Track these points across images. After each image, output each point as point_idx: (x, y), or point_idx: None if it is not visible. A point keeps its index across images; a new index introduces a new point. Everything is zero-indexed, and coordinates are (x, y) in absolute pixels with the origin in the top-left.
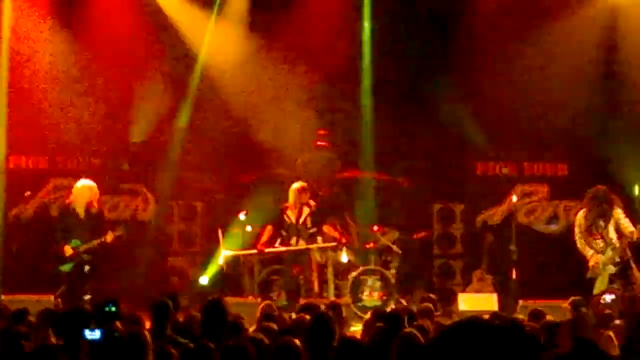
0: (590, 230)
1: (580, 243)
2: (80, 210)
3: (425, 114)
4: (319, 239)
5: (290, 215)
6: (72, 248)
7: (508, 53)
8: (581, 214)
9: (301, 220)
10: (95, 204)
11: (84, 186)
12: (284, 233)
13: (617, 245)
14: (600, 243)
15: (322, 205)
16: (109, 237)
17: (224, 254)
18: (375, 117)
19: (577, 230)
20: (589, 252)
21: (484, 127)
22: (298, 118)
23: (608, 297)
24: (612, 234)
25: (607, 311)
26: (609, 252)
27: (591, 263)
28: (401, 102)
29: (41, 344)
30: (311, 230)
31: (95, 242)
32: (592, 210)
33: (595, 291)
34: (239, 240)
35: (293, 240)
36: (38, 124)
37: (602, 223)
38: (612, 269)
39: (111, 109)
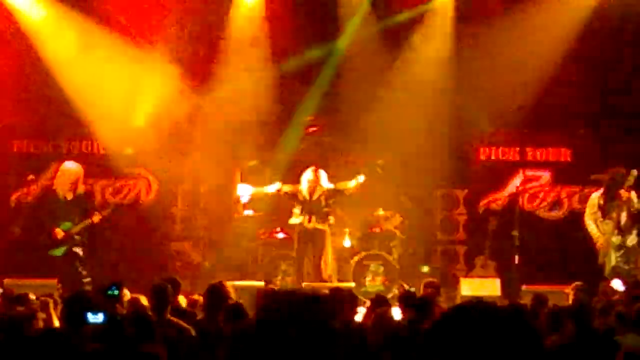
0: (604, 211)
1: (588, 223)
2: (67, 193)
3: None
4: (331, 218)
5: (304, 192)
6: (63, 231)
7: (512, 33)
8: (597, 194)
9: (314, 198)
10: (80, 185)
11: (68, 169)
12: (296, 210)
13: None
14: (610, 224)
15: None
16: (96, 217)
17: (240, 187)
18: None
19: (588, 210)
20: (596, 233)
21: (487, 111)
22: None
23: (616, 283)
24: (624, 219)
25: (616, 297)
26: (618, 237)
27: (598, 245)
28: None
29: (46, 328)
30: (325, 209)
31: (84, 223)
32: (610, 192)
33: (607, 272)
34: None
35: (305, 217)
36: (41, 108)
37: (616, 205)
38: (618, 252)
39: (115, 93)
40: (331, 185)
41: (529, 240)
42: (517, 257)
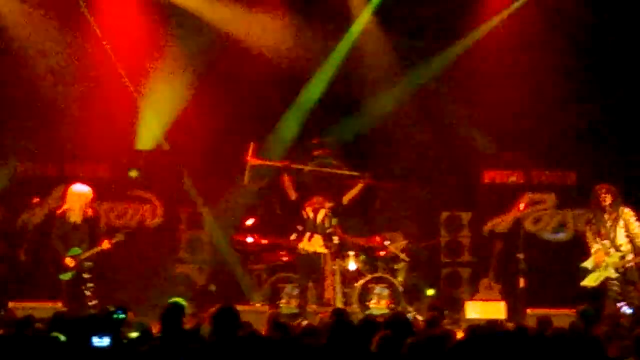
0: (598, 231)
1: (589, 241)
2: (76, 217)
3: (431, 121)
4: (335, 238)
5: (309, 213)
6: (73, 257)
7: (515, 59)
8: (590, 215)
9: (319, 220)
10: (89, 208)
11: (78, 192)
12: (300, 228)
13: (626, 251)
14: (607, 244)
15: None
16: (105, 244)
17: (251, 163)
18: (382, 127)
19: (587, 233)
20: (594, 247)
21: (492, 134)
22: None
23: (627, 310)
24: (621, 237)
25: (624, 323)
26: (616, 257)
27: (595, 257)
28: (407, 109)
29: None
30: (329, 230)
31: (94, 250)
32: (594, 210)
33: (585, 282)
34: None
35: (307, 236)
36: (46, 131)
37: (607, 224)
38: (612, 273)
39: (119, 116)
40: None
41: (534, 262)
42: (522, 280)
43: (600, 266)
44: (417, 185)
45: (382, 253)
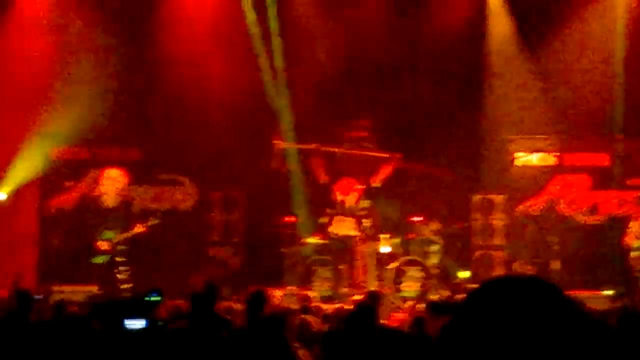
0: None
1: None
2: (111, 201)
3: (465, 105)
4: (365, 221)
5: (339, 196)
6: (106, 241)
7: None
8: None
9: (349, 202)
10: (123, 192)
11: (112, 176)
12: (328, 210)
13: None
14: None
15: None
16: (138, 228)
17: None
18: (415, 111)
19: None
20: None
21: (524, 117)
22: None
23: None
24: None
25: None
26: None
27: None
28: (440, 94)
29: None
30: (359, 212)
31: (128, 234)
32: None
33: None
34: None
35: (337, 219)
36: (79, 115)
37: None
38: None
39: (151, 99)
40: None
41: (567, 245)
42: (555, 262)
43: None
44: (449, 168)
45: (414, 236)
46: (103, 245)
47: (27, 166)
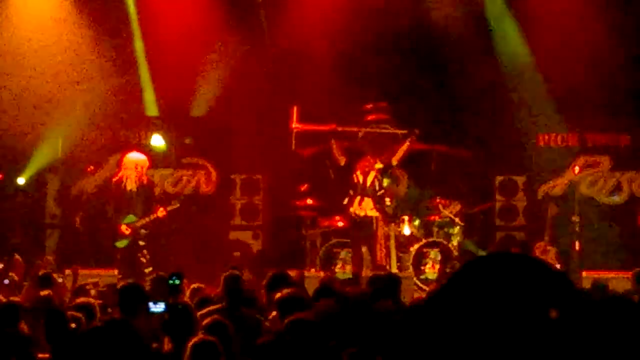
0: None
1: None
2: (132, 184)
3: (486, 86)
4: (387, 200)
5: (359, 176)
6: (128, 225)
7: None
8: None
9: (369, 182)
10: (144, 176)
11: (134, 159)
12: (351, 192)
13: None
14: None
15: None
16: (160, 212)
17: (296, 129)
18: (436, 90)
19: None
20: None
21: (546, 97)
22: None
23: None
24: None
25: None
26: None
27: None
28: (460, 76)
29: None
30: (380, 192)
31: (150, 218)
32: None
33: None
34: None
35: (357, 200)
36: (100, 99)
37: None
38: None
39: (173, 82)
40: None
41: (589, 226)
42: (577, 243)
43: None
44: (471, 149)
45: (436, 218)
46: (126, 229)
47: (48, 150)
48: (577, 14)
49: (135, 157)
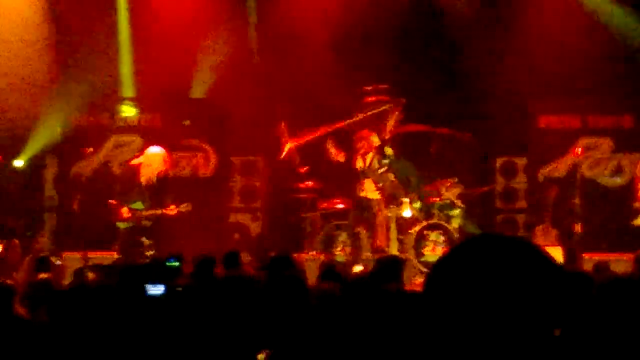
0: None
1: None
2: (146, 179)
3: (485, 67)
4: (390, 175)
5: (359, 162)
6: (131, 209)
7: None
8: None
9: (368, 163)
10: (163, 170)
11: (154, 154)
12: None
13: None
14: None
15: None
16: (172, 210)
17: (290, 145)
18: (436, 72)
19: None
20: None
21: (547, 79)
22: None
23: None
24: None
25: None
26: None
27: None
28: (460, 56)
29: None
30: (381, 170)
31: (158, 212)
32: None
33: (637, 222)
34: None
35: (365, 184)
36: (99, 81)
37: None
38: None
39: (172, 64)
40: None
41: (591, 208)
42: (578, 225)
43: None
44: (472, 131)
45: (437, 200)
46: (126, 211)
47: (46, 133)
48: None
49: (155, 151)
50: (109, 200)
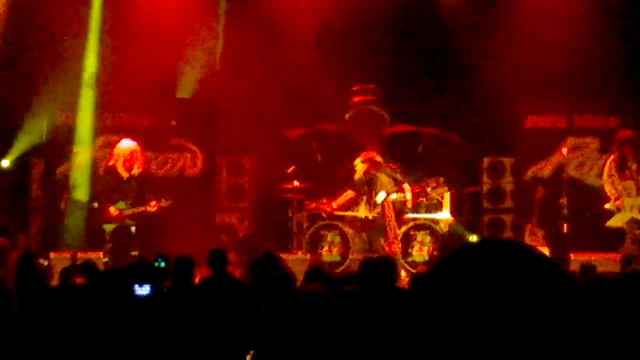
0: (621, 172)
1: (607, 186)
2: (123, 172)
3: (472, 67)
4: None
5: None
6: (117, 209)
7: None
8: (611, 158)
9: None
10: (137, 164)
11: (126, 147)
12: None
13: None
14: (630, 184)
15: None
16: (152, 207)
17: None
18: (423, 72)
19: (605, 174)
20: (613, 194)
21: (534, 79)
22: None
23: None
24: None
25: None
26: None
27: (616, 203)
28: (446, 56)
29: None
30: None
31: (139, 209)
32: (620, 156)
33: (610, 223)
34: None
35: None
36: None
37: (633, 167)
38: (638, 214)
39: (159, 64)
40: None
41: (577, 208)
42: (565, 225)
43: (624, 207)
44: (459, 131)
45: (423, 200)
46: (114, 210)
47: (32, 132)
48: None
49: (127, 145)
50: (90, 205)
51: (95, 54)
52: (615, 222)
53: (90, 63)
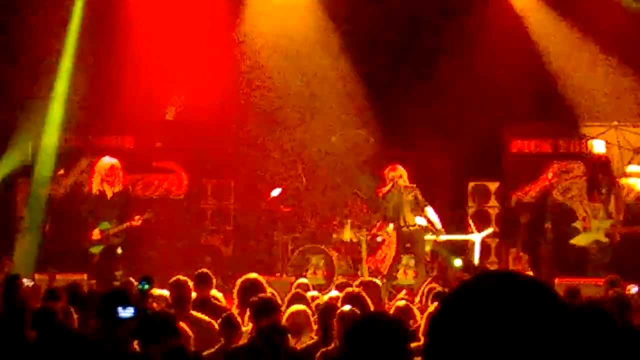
0: (591, 194)
1: (576, 205)
2: (100, 187)
3: (457, 91)
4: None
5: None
6: (101, 231)
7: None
8: (583, 179)
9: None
10: (118, 182)
11: (107, 162)
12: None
13: (613, 219)
14: (598, 207)
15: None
16: (137, 221)
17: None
18: (408, 96)
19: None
20: (582, 215)
21: (519, 103)
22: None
23: (633, 289)
24: (613, 206)
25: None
26: (607, 223)
27: (583, 223)
28: (431, 81)
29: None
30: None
31: (123, 226)
32: (591, 178)
33: (574, 241)
34: None
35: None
36: (71, 103)
37: (603, 191)
38: (602, 236)
39: (146, 86)
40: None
41: (562, 232)
42: (550, 250)
43: (590, 228)
44: (444, 155)
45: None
46: (97, 233)
47: (18, 154)
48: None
49: (107, 161)
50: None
51: (68, 75)
52: (578, 241)
53: (61, 84)
